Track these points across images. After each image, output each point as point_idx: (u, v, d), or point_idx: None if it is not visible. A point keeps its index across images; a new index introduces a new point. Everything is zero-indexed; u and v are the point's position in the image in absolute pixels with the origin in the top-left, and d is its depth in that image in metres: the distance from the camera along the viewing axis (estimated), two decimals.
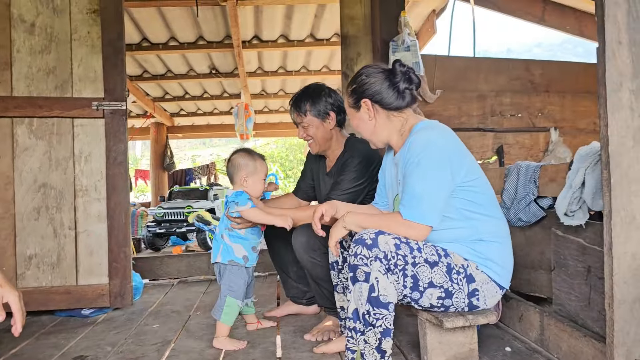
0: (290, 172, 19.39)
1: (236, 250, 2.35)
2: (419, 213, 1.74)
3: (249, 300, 2.50)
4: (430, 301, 1.78)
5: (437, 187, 1.75)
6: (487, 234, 1.83)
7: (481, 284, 1.80)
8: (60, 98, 3.00)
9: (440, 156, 1.76)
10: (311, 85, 2.55)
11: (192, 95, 8.59)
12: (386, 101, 1.90)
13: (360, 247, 1.71)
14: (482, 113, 4.01)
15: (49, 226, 2.98)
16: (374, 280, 1.68)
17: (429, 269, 1.74)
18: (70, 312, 2.99)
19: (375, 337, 1.69)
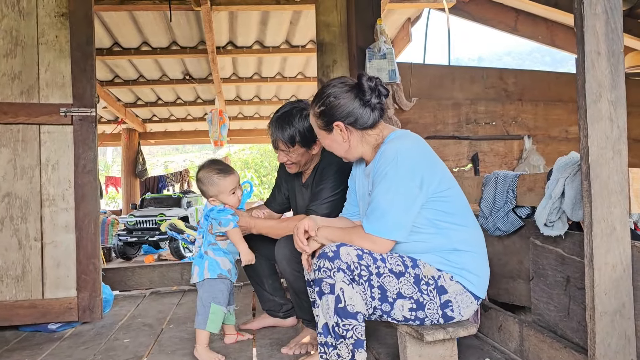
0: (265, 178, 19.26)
1: (222, 264, 2.34)
2: (381, 227, 1.72)
3: (231, 307, 2.47)
4: (403, 313, 1.75)
5: (403, 201, 1.72)
6: (461, 244, 1.81)
7: (454, 295, 1.78)
8: (26, 104, 2.89)
9: (408, 168, 1.73)
10: (295, 108, 2.36)
11: (165, 101, 8.45)
12: (360, 121, 1.85)
13: (323, 260, 1.70)
14: (457, 121, 4.03)
15: (13, 237, 2.85)
16: (339, 291, 1.66)
17: (395, 279, 1.72)
18: (35, 327, 2.86)
19: (348, 349, 1.66)
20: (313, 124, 1.97)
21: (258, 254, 2.64)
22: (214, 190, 2.28)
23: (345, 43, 3.79)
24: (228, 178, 2.30)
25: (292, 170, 2.46)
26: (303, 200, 2.55)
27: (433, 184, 1.76)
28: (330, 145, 1.95)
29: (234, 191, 2.31)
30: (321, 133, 1.94)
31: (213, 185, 2.28)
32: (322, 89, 1.91)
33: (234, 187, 2.30)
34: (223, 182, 2.28)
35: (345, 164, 2.40)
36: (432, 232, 1.79)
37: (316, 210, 2.31)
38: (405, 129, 1.94)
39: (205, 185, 2.30)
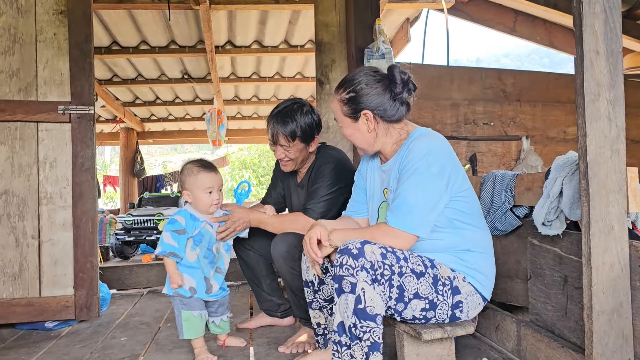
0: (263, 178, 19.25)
1: (186, 278, 2.17)
2: (407, 222, 1.70)
3: (225, 316, 2.33)
4: (414, 313, 1.74)
5: (431, 198, 1.71)
6: (474, 244, 1.81)
7: (466, 296, 1.78)
8: (23, 101, 2.88)
9: (439, 166, 1.72)
10: (296, 103, 2.38)
11: (163, 101, 8.44)
12: (389, 113, 1.83)
13: (345, 257, 1.64)
14: (455, 121, 4.03)
15: (10, 235, 2.84)
16: (360, 292, 1.61)
17: (415, 280, 1.70)
18: (32, 325, 2.85)
19: (362, 351, 1.62)
20: (336, 110, 1.89)
21: (255, 253, 2.65)
22: (191, 181, 2.19)
23: (344, 43, 3.79)
24: (209, 174, 2.21)
25: (287, 169, 2.45)
26: (298, 200, 2.54)
27: (456, 183, 1.76)
28: (351, 135, 1.89)
29: (210, 191, 2.20)
30: (345, 120, 1.88)
31: (191, 176, 2.20)
32: (351, 75, 1.87)
33: (211, 187, 2.19)
34: (202, 176, 2.19)
35: (341, 162, 2.40)
36: (449, 231, 1.79)
37: (313, 208, 2.30)
38: (426, 127, 1.92)
39: (184, 174, 2.23)
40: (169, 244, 2.11)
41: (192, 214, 2.21)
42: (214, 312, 2.29)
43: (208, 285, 2.22)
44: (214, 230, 2.24)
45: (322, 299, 2.08)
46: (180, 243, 2.13)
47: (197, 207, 2.22)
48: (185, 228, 2.15)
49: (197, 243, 2.19)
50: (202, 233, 2.20)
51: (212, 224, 2.24)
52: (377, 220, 1.98)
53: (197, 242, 2.19)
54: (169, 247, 2.11)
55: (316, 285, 2.08)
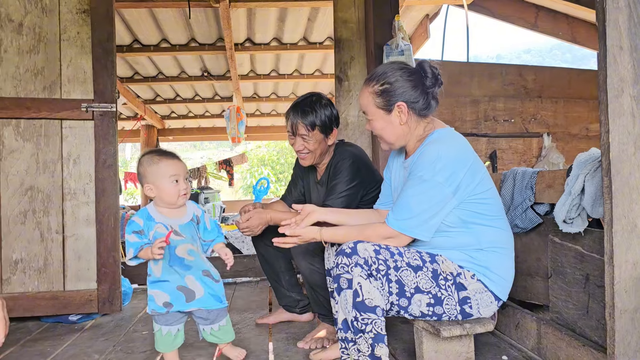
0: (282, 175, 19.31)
1: (157, 298, 1.95)
2: (407, 226, 1.73)
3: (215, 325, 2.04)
4: (420, 308, 1.74)
5: (433, 205, 1.72)
6: (488, 244, 1.80)
7: (474, 293, 1.77)
8: (48, 99, 2.94)
9: (446, 174, 1.71)
10: (314, 96, 2.43)
11: (183, 98, 8.51)
12: (421, 107, 1.83)
13: (341, 257, 1.70)
14: (475, 118, 4.00)
15: (35, 230, 2.91)
16: (357, 286, 1.65)
17: (413, 273, 1.72)
18: (57, 318, 2.92)
19: (367, 343, 1.65)
20: (367, 102, 1.87)
21: (274, 249, 2.67)
22: (152, 171, 1.94)
23: (363, 40, 3.78)
24: (172, 161, 1.97)
25: (306, 162, 2.46)
26: (318, 198, 2.55)
27: (470, 186, 1.75)
28: (382, 128, 1.88)
29: (176, 179, 1.94)
30: (377, 113, 1.87)
31: (152, 166, 1.94)
32: (382, 68, 1.87)
33: (176, 174, 1.95)
34: (165, 164, 1.95)
35: (359, 158, 2.40)
36: (461, 230, 1.79)
37: (332, 204, 2.31)
38: (448, 127, 1.91)
39: (143, 166, 1.97)
40: (135, 242, 1.88)
41: (150, 213, 1.96)
42: (202, 320, 2.03)
43: (188, 294, 1.96)
44: (170, 231, 1.90)
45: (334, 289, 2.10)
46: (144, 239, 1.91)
47: (163, 200, 1.96)
48: (143, 229, 1.91)
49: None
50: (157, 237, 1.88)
51: (168, 225, 1.94)
52: None
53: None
54: (137, 244, 1.87)
55: None
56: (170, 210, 1.99)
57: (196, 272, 1.98)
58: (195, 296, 1.96)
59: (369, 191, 2.38)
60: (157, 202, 1.99)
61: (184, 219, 2.01)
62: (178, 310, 1.95)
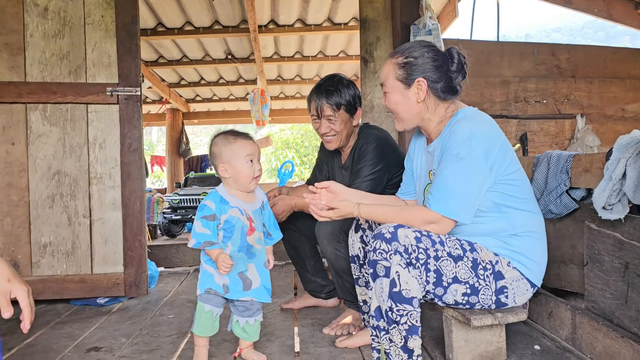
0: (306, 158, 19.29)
1: (216, 276, 1.91)
2: (449, 207, 1.64)
3: (250, 320, 1.98)
4: (455, 298, 1.69)
5: (473, 183, 1.65)
6: (522, 228, 1.73)
7: (511, 281, 1.71)
8: (73, 83, 2.94)
9: (482, 150, 1.65)
10: (335, 76, 2.40)
11: (207, 81, 8.52)
12: (441, 89, 1.77)
13: (379, 241, 1.62)
14: (505, 99, 3.89)
15: (63, 214, 2.94)
16: (395, 275, 1.59)
17: (453, 264, 1.65)
18: (85, 301, 2.96)
19: (400, 335, 1.60)
20: (388, 73, 1.80)
21: (300, 234, 2.64)
22: (228, 151, 1.89)
23: (389, 19, 3.68)
24: (248, 141, 1.93)
25: (331, 145, 2.41)
26: (343, 182, 2.50)
27: (503, 166, 1.69)
28: (397, 102, 1.81)
29: (251, 159, 1.90)
30: (396, 85, 1.79)
31: (227, 145, 1.90)
32: (410, 44, 1.81)
33: (251, 154, 1.90)
34: (241, 143, 1.91)
35: (383, 141, 2.34)
36: (495, 215, 1.72)
37: (358, 188, 2.26)
38: (471, 107, 1.83)
39: (218, 146, 1.92)
40: (202, 233, 1.84)
41: (223, 196, 1.91)
42: (242, 311, 1.97)
43: (246, 282, 1.93)
44: (244, 217, 1.91)
45: (367, 274, 2.06)
46: (213, 230, 1.85)
47: (237, 181, 1.91)
48: (215, 213, 1.87)
49: (229, 236, 1.89)
50: (232, 222, 1.88)
51: (242, 210, 1.91)
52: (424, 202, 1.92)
53: (228, 234, 1.89)
54: (203, 237, 1.84)
55: (362, 259, 2.08)
56: (242, 193, 1.94)
57: (258, 261, 1.97)
58: (252, 286, 1.94)
59: (395, 175, 2.32)
60: (230, 183, 1.93)
61: (256, 204, 1.98)
62: (233, 297, 1.92)
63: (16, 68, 2.89)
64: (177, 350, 2.18)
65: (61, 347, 2.27)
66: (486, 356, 1.85)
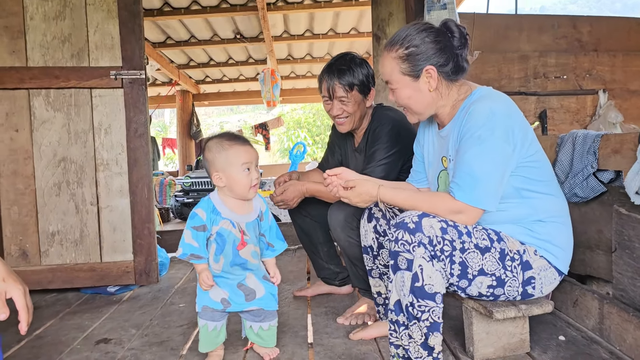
0: (318, 137, 19.13)
1: (212, 292, 1.80)
2: (474, 195, 1.53)
3: (264, 324, 1.89)
4: (480, 290, 1.59)
5: (498, 167, 1.54)
6: (547, 214, 1.62)
7: (539, 271, 1.61)
8: (76, 67, 2.85)
9: (504, 131, 1.54)
10: (348, 55, 2.27)
11: (217, 62, 8.40)
12: (451, 70, 1.65)
13: (401, 231, 1.51)
14: (524, 75, 3.73)
15: (70, 202, 2.88)
16: (418, 269, 1.49)
17: (480, 256, 1.55)
18: (96, 289, 2.92)
19: (421, 331, 1.51)
20: (391, 70, 1.67)
21: (312, 220, 2.55)
22: (222, 158, 1.74)
23: None
24: (244, 146, 1.77)
25: (344, 128, 2.30)
26: (356, 166, 2.40)
27: (524, 147, 1.58)
28: (409, 97, 1.68)
29: (248, 167, 1.75)
30: (403, 80, 1.67)
31: (222, 152, 1.75)
32: (403, 31, 1.66)
33: (248, 162, 1.75)
34: (236, 150, 1.75)
35: (398, 123, 2.22)
36: (517, 201, 1.62)
37: (371, 173, 2.16)
38: (485, 86, 1.71)
39: (211, 152, 1.77)
40: (190, 245, 1.73)
41: (215, 206, 1.78)
42: (253, 317, 1.89)
43: (248, 292, 1.84)
44: (236, 230, 1.78)
45: (382, 265, 1.98)
46: (201, 242, 1.74)
47: (233, 190, 1.78)
48: (206, 224, 1.74)
49: (220, 249, 1.77)
50: (223, 235, 1.76)
51: (235, 223, 1.78)
52: (438, 190, 1.82)
53: (220, 247, 1.77)
54: (190, 249, 1.73)
55: (375, 250, 1.98)
56: (237, 203, 1.81)
57: (257, 273, 1.87)
58: (256, 295, 1.85)
59: (411, 158, 2.21)
60: (225, 192, 1.80)
61: (251, 216, 1.83)
62: (235, 310, 1.83)
63: (17, 52, 2.81)
64: (187, 342, 2.12)
65: (70, 339, 2.23)
66: (508, 348, 1.76)
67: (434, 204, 1.58)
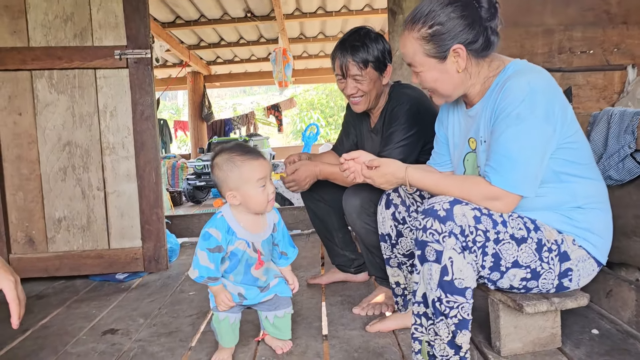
0: (331, 119, 18.96)
1: (229, 286, 1.73)
2: (513, 180, 1.39)
3: (279, 312, 1.81)
4: (512, 282, 1.47)
5: (538, 149, 1.40)
6: (586, 200, 1.49)
7: (577, 262, 1.48)
8: (79, 47, 2.74)
9: (545, 109, 1.38)
10: (362, 29, 2.11)
11: (227, 42, 8.25)
12: (481, 46, 1.48)
13: (430, 219, 1.38)
14: (548, 50, 3.54)
15: (76, 187, 2.79)
16: (448, 261, 1.36)
17: (515, 247, 1.41)
18: (104, 277, 2.84)
19: (448, 329, 1.39)
20: (414, 51, 1.51)
21: (326, 205, 2.43)
22: (235, 177, 1.62)
23: None
24: (257, 161, 1.65)
25: (359, 107, 2.15)
26: (372, 147, 2.26)
27: (564, 126, 1.43)
28: (436, 80, 1.53)
29: (263, 183, 1.64)
30: (428, 62, 1.51)
31: (234, 170, 1.62)
32: (425, 5, 1.49)
33: (263, 177, 1.64)
34: (250, 166, 1.62)
35: (417, 102, 2.08)
36: (554, 186, 1.47)
37: (389, 156, 2.02)
38: (519, 59, 1.55)
39: (222, 170, 1.64)
40: (206, 267, 1.63)
41: (230, 225, 1.67)
42: (268, 306, 1.80)
43: (262, 286, 1.78)
44: (251, 249, 1.69)
45: (401, 254, 1.85)
46: (217, 263, 1.66)
47: (249, 208, 1.67)
48: (222, 244, 1.64)
49: (232, 268, 1.70)
50: (237, 255, 1.68)
51: (250, 243, 1.69)
52: (464, 173, 1.67)
53: (232, 266, 1.70)
54: (207, 272, 1.63)
55: (394, 238, 1.85)
56: (252, 219, 1.70)
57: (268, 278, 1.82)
58: (270, 285, 1.80)
59: (431, 139, 2.07)
60: (239, 209, 1.69)
61: (266, 232, 1.74)
62: (251, 303, 1.77)
63: (18, 32, 2.70)
64: (196, 334, 2.03)
65: (76, 329, 2.15)
66: (538, 343, 1.64)
67: (467, 189, 1.44)
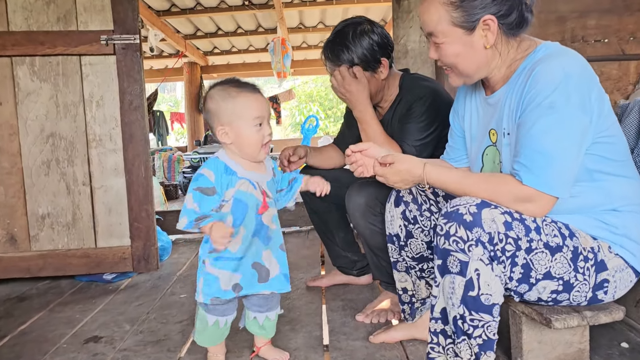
0: (330, 111, 18.74)
1: (222, 281, 1.51)
2: (547, 179, 1.21)
3: (271, 313, 1.63)
4: (540, 295, 1.30)
5: (574, 143, 1.22)
6: (623, 201, 1.31)
7: (614, 272, 1.30)
8: (63, 32, 2.56)
9: (581, 97, 1.21)
10: (347, 26, 1.91)
11: (225, 31, 8.03)
12: (514, 22, 1.30)
13: (454, 225, 1.21)
14: (560, 39, 3.35)
15: (61, 181, 2.62)
16: (474, 274, 1.20)
17: (549, 257, 1.24)
18: (91, 277, 2.67)
19: (471, 350, 1.23)
20: (439, 18, 1.32)
21: (326, 202, 2.25)
22: (228, 109, 1.46)
23: None
24: (254, 96, 1.48)
25: None
26: None
27: (601, 118, 1.26)
28: (458, 54, 1.35)
29: (260, 121, 1.47)
30: (453, 33, 1.33)
31: (228, 101, 1.46)
32: None
33: (260, 116, 1.47)
34: (245, 100, 1.46)
35: (436, 95, 1.89)
36: (587, 185, 1.30)
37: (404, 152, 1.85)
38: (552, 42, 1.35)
39: (215, 101, 1.47)
40: (192, 210, 1.41)
41: (228, 164, 1.49)
42: (260, 306, 1.61)
43: (262, 272, 1.55)
44: (257, 191, 1.50)
45: (410, 257, 1.68)
46: (206, 207, 1.42)
47: (241, 149, 1.49)
48: (215, 186, 1.44)
49: (240, 219, 1.49)
50: (243, 200, 1.48)
51: (255, 183, 1.50)
52: (482, 170, 1.50)
53: (239, 216, 1.49)
54: (194, 214, 1.41)
55: (402, 240, 1.67)
56: (250, 162, 1.53)
57: (274, 245, 1.59)
58: (270, 275, 1.56)
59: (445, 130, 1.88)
60: (232, 150, 1.51)
61: (268, 174, 1.58)
62: (246, 293, 1.55)
63: None
64: (186, 342, 1.87)
65: (57, 335, 1.99)
66: (564, 359, 1.47)
67: (495, 189, 1.26)
